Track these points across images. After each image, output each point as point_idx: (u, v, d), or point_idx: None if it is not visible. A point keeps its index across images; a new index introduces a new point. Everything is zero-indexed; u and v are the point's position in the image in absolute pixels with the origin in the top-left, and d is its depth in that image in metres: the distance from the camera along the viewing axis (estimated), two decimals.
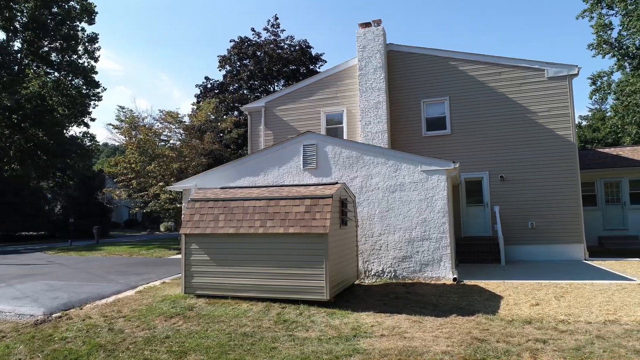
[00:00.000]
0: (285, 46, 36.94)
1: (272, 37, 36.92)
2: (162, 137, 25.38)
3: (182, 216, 9.66)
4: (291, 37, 37.19)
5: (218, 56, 37.04)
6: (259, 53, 36.28)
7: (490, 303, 8.09)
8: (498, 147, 15.03)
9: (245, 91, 36.55)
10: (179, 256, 16.07)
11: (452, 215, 11.54)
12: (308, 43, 37.42)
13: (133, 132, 24.17)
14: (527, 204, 14.64)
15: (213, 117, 26.78)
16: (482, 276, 11.04)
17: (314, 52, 37.75)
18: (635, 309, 7.30)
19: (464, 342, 5.80)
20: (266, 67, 35.57)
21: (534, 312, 7.35)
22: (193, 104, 34.31)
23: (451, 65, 15.75)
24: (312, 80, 17.61)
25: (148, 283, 11.21)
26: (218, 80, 37.09)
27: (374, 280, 10.85)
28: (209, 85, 37.01)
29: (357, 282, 10.51)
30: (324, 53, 38.26)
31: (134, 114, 25.07)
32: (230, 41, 36.65)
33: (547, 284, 9.74)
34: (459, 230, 14.94)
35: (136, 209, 26.50)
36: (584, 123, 50.12)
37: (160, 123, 25.21)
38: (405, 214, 10.84)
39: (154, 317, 7.57)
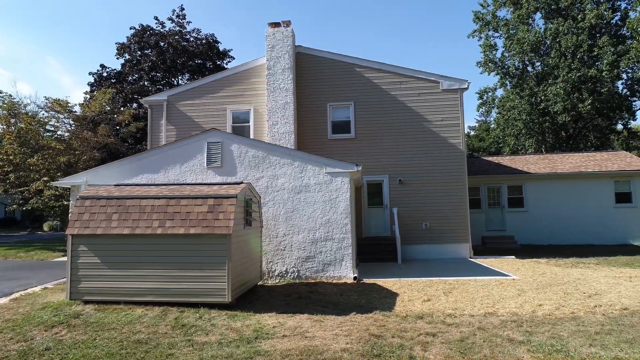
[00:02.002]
0: (192, 39, 35.58)
1: (178, 28, 35.35)
2: (47, 127, 22.98)
3: (70, 215, 8.80)
4: (198, 29, 35.95)
5: (116, 43, 34.55)
6: (162, 44, 34.49)
7: (387, 300, 8.51)
8: (398, 152, 15.89)
9: (146, 83, 34.50)
10: (65, 259, 14.63)
11: (354, 216, 11.96)
12: (216, 38, 36.44)
13: (12, 120, 21.57)
14: (422, 206, 15.66)
15: (109, 108, 24.85)
16: (380, 275, 11.58)
17: (221, 48, 36.89)
18: (510, 302, 8.16)
19: (362, 339, 6.01)
20: (170, 59, 33.93)
21: (426, 307, 7.87)
22: (86, 93, 31.57)
23: (357, 72, 16.33)
24: (219, 77, 17.15)
25: (26, 289, 10.06)
26: (116, 69, 34.58)
27: (277, 280, 10.84)
28: (105, 74, 34.31)
29: (260, 283, 10.42)
30: (232, 49, 37.47)
31: (14, 100, 22.40)
32: (131, 28, 34.43)
33: (438, 281, 10.51)
34: (360, 230, 15.53)
35: (14, 206, 23.65)
36: (472, 133, 55.12)
37: (46, 111, 22.83)
38: (309, 215, 10.99)
39: (32, 327, 6.79)
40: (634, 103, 37.44)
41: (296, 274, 10.88)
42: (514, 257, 15.31)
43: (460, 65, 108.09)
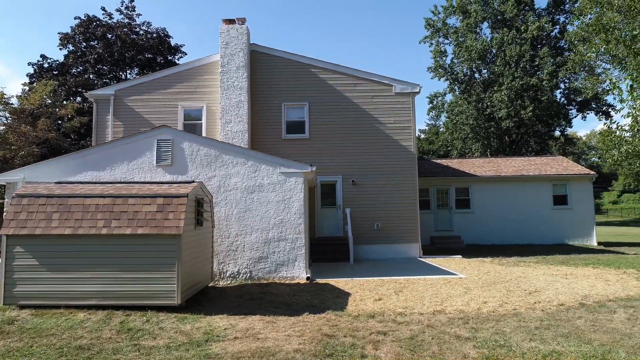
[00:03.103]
0: (141, 32, 34.32)
1: (127, 20, 33.98)
2: None
3: (5, 214, 8.23)
4: (148, 23, 34.73)
5: (59, 33, 32.68)
6: (109, 36, 33.04)
7: (339, 300, 8.57)
8: (351, 153, 16.07)
9: (91, 76, 32.94)
10: None
11: (307, 216, 11.97)
12: (167, 32, 35.37)
13: None
14: (374, 207, 15.92)
15: (50, 101, 23.50)
16: (333, 275, 11.65)
17: (173, 43, 35.83)
18: (457, 300, 8.45)
19: (314, 339, 6.01)
20: (118, 52, 32.55)
21: (377, 306, 7.99)
22: (25, 84, 29.61)
23: (312, 72, 16.36)
24: (171, 72, 16.65)
25: None
26: (58, 61, 32.72)
27: (229, 281, 10.66)
28: (46, 65, 32.36)
29: (211, 284, 10.20)
30: (184, 45, 36.61)
31: None
32: (75, 18, 32.70)
33: (389, 280, 10.71)
34: (313, 230, 15.57)
35: None
36: (422, 136, 56.78)
37: None
38: (263, 215, 10.89)
39: None
40: (570, 111, 39.99)
41: (248, 274, 10.75)
42: (460, 256, 15.88)
43: (412, 70, 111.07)
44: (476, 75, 39.88)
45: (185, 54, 36.94)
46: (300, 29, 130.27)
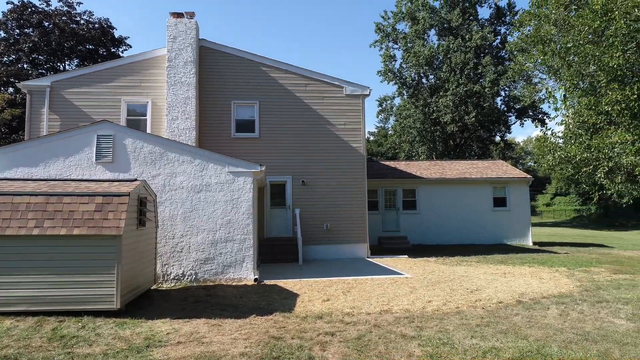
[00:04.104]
0: (82, 22, 32.58)
1: (66, 8, 32.14)
2: None
3: None
4: (90, 12, 33.08)
5: None
6: (46, 24, 31.10)
7: (287, 301, 8.49)
8: (302, 153, 16.03)
9: (25, 65, 30.86)
10: None
11: (256, 216, 11.79)
12: (110, 23, 33.81)
13: None
14: (324, 207, 15.97)
15: None
16: (281, 275, 11.55)
17: (117, 34, 34.29)
18: (403, 299, 8.61)
19: (261, 342, 5.90)
20: (56, 42, 30.71)
21: (325, 307, 7.99)
22: None
23: (263, 71, 16.17)
24: (114, 65, 15.87)
25: None
26: None
27: (173, 284, 10.29)
28: None
29: (154, 287, 9.80)
30: (129, 37, 35.06)
31: None
32: (8, 3, 30.48)
33: (337, 281, 10.76)
34: (262, 231, 15.38)
35: None
36: (372, 138, 57.80)
37: None
38: (210, 215, 10.61)
39: None
40: (509, 118, 42.13)
41: (194, 276, 10.42)
42: (407, 256, 16.26)
43: (363, 73, 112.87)
44: (423, 80, 41.15)
45: (130, 47, 35.49)
46: (250, 27, 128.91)
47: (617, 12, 9.95)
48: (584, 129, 12.33)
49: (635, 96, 10.32)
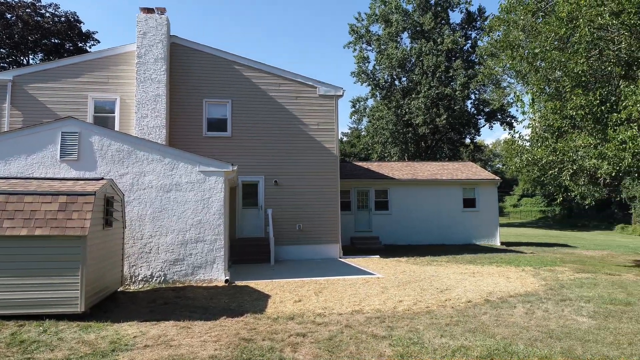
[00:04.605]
0: (48, 14, 31.49)
1: (30, 0, 30.97)
2: None
3: None
4: (56, 5, 31.95)
5: None
6: (9, 15, 29.91)
7: (258, 302, 8.40)
8: (274, 153, 15.93)
9: None
10: None
11: (228, 217, 11.63)
12: (77, 17, 32.80)
13: None
14: (296, 207, 15.91)
15: None
16: (253, 276, 11.44)
17: (85, 29, 33.29)
18: (375, 299, 8.66)
19: (231, 344, 5.81)
20: (19, 35, 29.58)
21: (297, 308, 7.95)
22: None
23: (236, 69, 15.99)
24: (81, 60, 15.38)
25: None
26: None
27: (141, 286, 10.04)
28: None
29: (121, 288, 9.53)
30: (97, 32, 34.00)
31: None
32: None
33: (309, 281, 10.73)
34: (233, 231, 15.20)
35: None
36: (345, 139, 58.08)
37: None
38: (180, 215, 10.40)
39: None
40: (479, 121, 43.08)
41: (163, 278, 10.20)
42: (378, 256, 16.38)
43: (337, 74, 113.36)
44: (396, 82, 41.61)
45: (99, 42, 34.52)
46: (224, 25, 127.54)
47: (581, 20, 10.30)
48: (550, 133, 12.70)
49: (598, 101, 10.70)
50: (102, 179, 8.72)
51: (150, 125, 14.28)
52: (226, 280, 10.39)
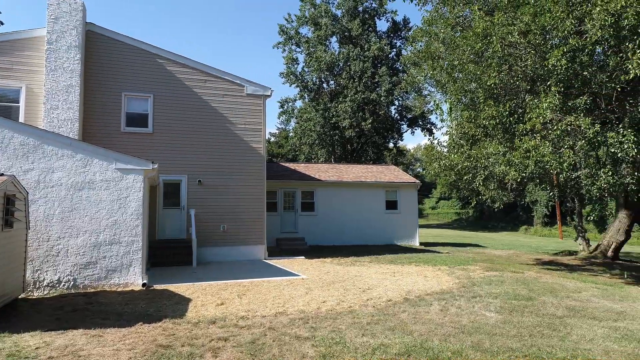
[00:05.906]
0: None
1: None
2: None
3: None
4: None
5: None
6: None
7: (179, 307, 8.07)
8: (199, 152, 15.42)
9: None
10: None
11: (147, 217, 11.06)
12: None
13: None
14: (221, 208, 15.53)
15: None
16: (173, 279, 10.97)
17: None
18: (299, 301, 8.67)
19: (148, 352, 5.51)
20: None
21: (219, 311, 7.74)
22: None
23: (159, 63, 15.27)
24: None
25: None
26: None
27: (47, 292, 9.22)
28: None
29: (22, 295, 8.69)
30: (1, 12, 30.82)
31: None
32: None
33: (232, 284, 10.51)
34: (153, 232, 14.49)
35: None
36: (272, 139, 57.82)
37: None
38: (93, 215, 9.71)
39: None
40: (402, 126, 44.94)
41: (72, 282, 9.45)
42: (304, 257, 16.47)
43: (266, 74, 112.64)
44: (324, 85, 42.21)
45: (2, 24, 31.26)
46: (148, 19, 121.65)
47: (495, 37, 11.09)
48: (465, 140, 13.55)
49: (507, 113, 11.59)
50: (2, 175, 7.90)
51: (62, 118, 13.19)
52: (144, 284, 9.86)
